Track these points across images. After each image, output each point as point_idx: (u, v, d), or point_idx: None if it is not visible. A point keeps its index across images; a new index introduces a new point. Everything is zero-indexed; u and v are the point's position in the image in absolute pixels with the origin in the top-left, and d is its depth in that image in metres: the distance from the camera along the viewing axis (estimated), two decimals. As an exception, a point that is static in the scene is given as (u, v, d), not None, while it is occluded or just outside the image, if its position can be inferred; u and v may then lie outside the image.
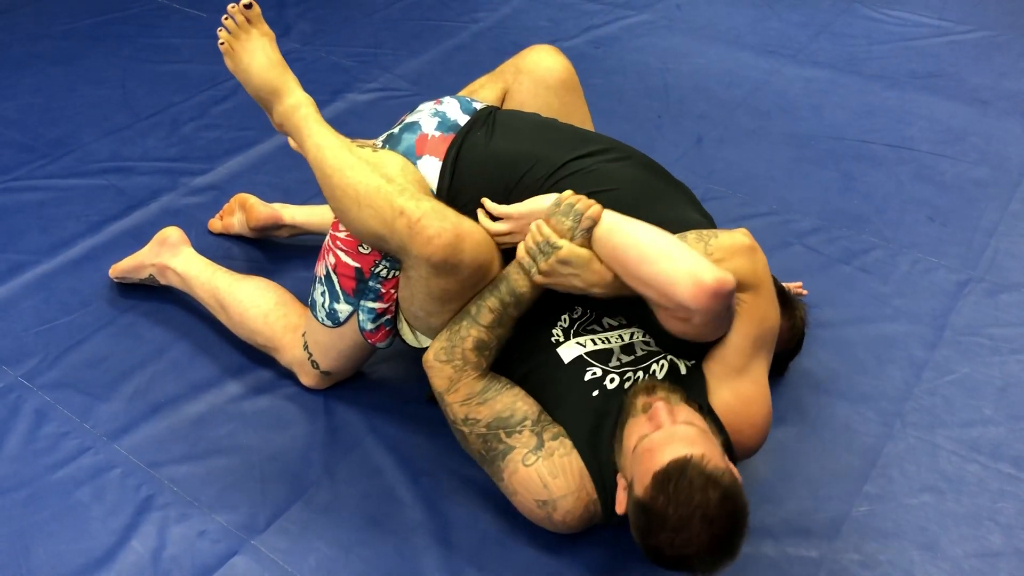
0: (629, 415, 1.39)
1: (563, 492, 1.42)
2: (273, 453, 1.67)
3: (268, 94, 1.64)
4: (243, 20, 1.63)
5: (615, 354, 1.54)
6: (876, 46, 3.08)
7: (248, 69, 1.64)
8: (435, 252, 1.42)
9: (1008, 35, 3.14)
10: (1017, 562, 1.51)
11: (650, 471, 1.26)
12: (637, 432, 1.34)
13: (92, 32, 3.07)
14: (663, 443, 1.28)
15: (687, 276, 1.32)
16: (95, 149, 2.48)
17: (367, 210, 1.46)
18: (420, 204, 1.44)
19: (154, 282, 1.97)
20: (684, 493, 1.22)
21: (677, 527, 1.22)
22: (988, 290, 2.07)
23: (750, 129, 2.65)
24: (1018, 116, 2.71)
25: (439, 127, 1.63)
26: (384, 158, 1.59)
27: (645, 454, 1.29)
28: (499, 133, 1.63)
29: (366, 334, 1.65)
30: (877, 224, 2.27)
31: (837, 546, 1.53)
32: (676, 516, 1.22)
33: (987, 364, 1.88)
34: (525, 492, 1.45)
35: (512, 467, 1.45)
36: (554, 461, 1.43)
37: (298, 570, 1.48)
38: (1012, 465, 1.67)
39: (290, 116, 1.61)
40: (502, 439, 1.47)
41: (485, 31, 3.14)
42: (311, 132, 1.58)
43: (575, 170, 1.56)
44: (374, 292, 1.61)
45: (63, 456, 1.65)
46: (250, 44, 1.64)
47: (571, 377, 1.51)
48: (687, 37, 3.13)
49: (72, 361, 1.84)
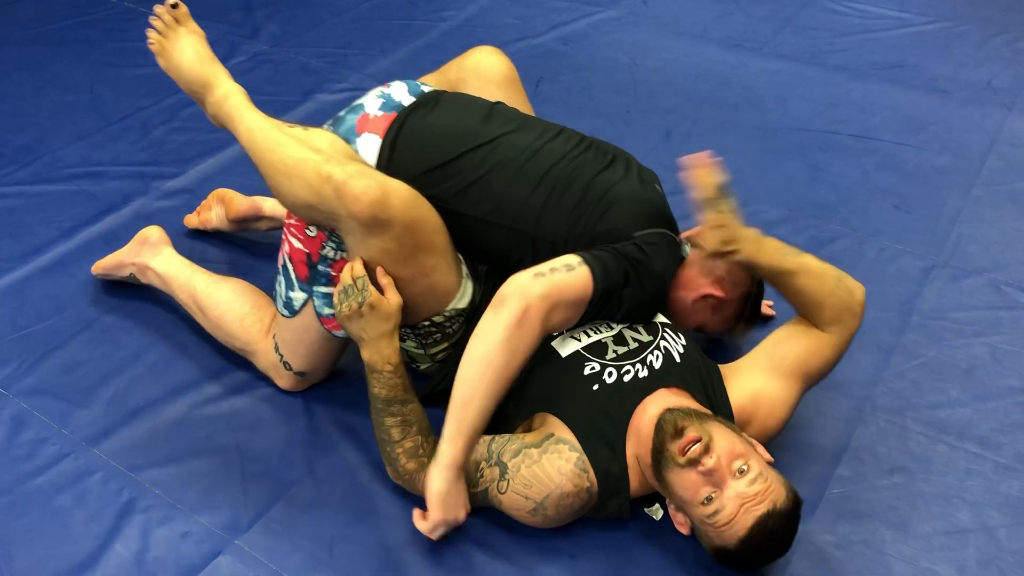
0: (664, 470, 1.41)
1: (544, 493, 1.46)
2: (254, 454, 1.68)
3: (199, 87, 1.69)
4: (171, 20, 1.70)
5: (609, 347, 1.57)
6: (839, 38, 3.14)
7: (179, 65, 1.69)
8: (362, 210, 1.46)
9: (966, 25, 3.20)
10: (985, 537, 1.55)
11: (734, 538, 1.36)
12: (693, 488, 1.38)
13: (58, 36, 3.04)
14: (733, 513, 1.35)
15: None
16: (65, 155, 2.46)
17: (296, 181, 1.52)
18: (345, 168, 1.50)
19: (135, 280, 1.97)
20: (770, 541, 1.37)
21: (764, 558, 1.41)
22: (952, 275, 2.12)
23: (717, 122, 2.69)
24: (978, 104, 2.77)
25: (382, 107, 1.68)
26: (313, 134, 1.65)
27: (718, 526, 1.37)
28: (441, 110, 1.68)
29: (323, 320, 1.67)
30: (844, 213, 2.31)
31: (811, 528, 1.56)
32: (762, 553, 1.39)
33: (953, 347, 1.93)
34: (517, 511, 1.50)
35: (496, 501, 1.51)
36: (522, 475, 1.47)
37: (283, 568, 1.49)
38: (978, 445, 1.72)
39: (221, 105, 1.66)
40: (476, 491, 1.51)
41: (454, 29, 3.15)
42: (242, 118, 1.63)
43: (508, 145, 1.63)
44: (325, 276, 1.64)
45: (42, 462, 1.65)
46: (179, 42, 1.70)
47: (570, 372, 1.54)
48: (654, 32, 3.17)
49: (48, 367, 1.84)
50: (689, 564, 1.50)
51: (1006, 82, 2.87)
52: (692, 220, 2.29)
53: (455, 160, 1.61)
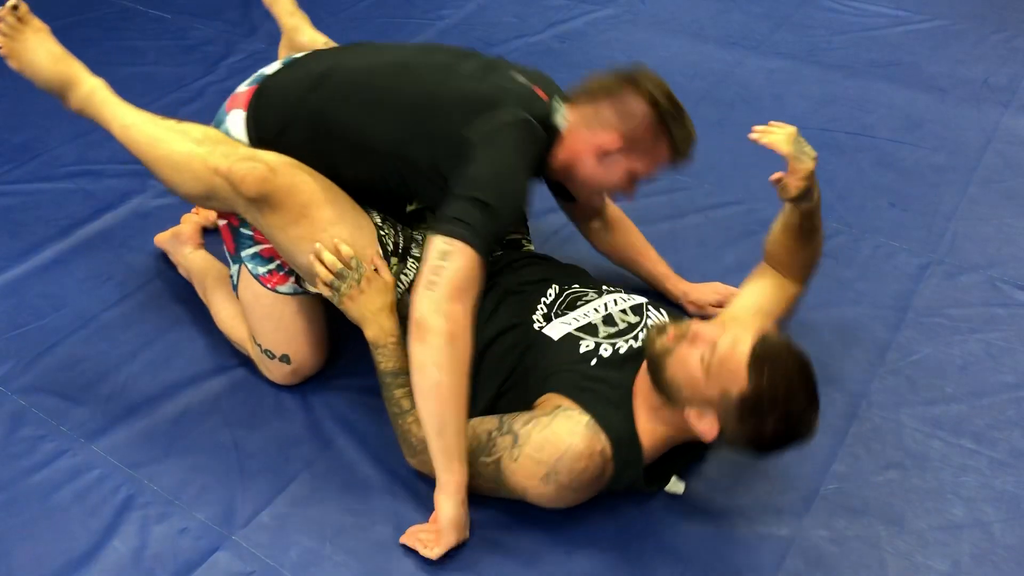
0: (663, 366, 1.45)
1: (557, 455, 1.43)
2: (251, 450, 1.68)
3: (59, 86, 1.73)
4: (14, 21, 1.71)
5: (600, 327, 1.60)
6: (836, 36, 3.14)
7: (33, 65, 1.72)
8: (249, 188, 1.54)
9: (963, 24, 3.21)
10: (979, 533, 1.56)
11: (741, 367, 1.37)
12: (692, 361, 1.42)
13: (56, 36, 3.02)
14: (731, 343, 1.39)
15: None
16: (62, 153, 2.47)
17: (186, 174, 1.61)
18: (228, 156, 1.58)
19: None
20: (779, 362, 1.37)
21: (787, 395, 1.37)
22: (948, 272, 2.13)
23: (714, 120, 2.69)
24: (974, 102, 2.77)
25: (250, 82, 1.74)
26: (186, 125, 1.70)
27: (723, 362, 1.38)
28: (298, 65, 1.73)
29: (262, 279, 1.70)
30: (840, 210, 2.32)
31: (807, 523, 1.57)
32: (783, 385, 1.37)
33: (948, 344, 1.93)
34: (530, 480, 1.46)
35: (509, 472, 1.48)
36: (534, 440, 1.46)
37: (280, 563, 1.49)
38: (973, 440, 1.73)
39: (88, 101, 1.72)
40: (489, 460, 1.50)
41: (451, 28, 3.16)
42: (115, 113, 1.70)
43: (342, 71, 1.68)
44: (248, 239, 1.70)
45: (40, 459, 1.65)
46: (28, 42, 1.72)
47: (566, 352, 1.56)
48: (651, 30, 3.17)
49: (46, 364, 1.84)
50: (688, 560, 1.51)
51: (1002, 80, 2.88)
52: (695, 215, 2.31)
53: (300, 106, 1.65)
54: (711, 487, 1.61)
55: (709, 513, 1.58)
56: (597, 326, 1.60)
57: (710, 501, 1.60)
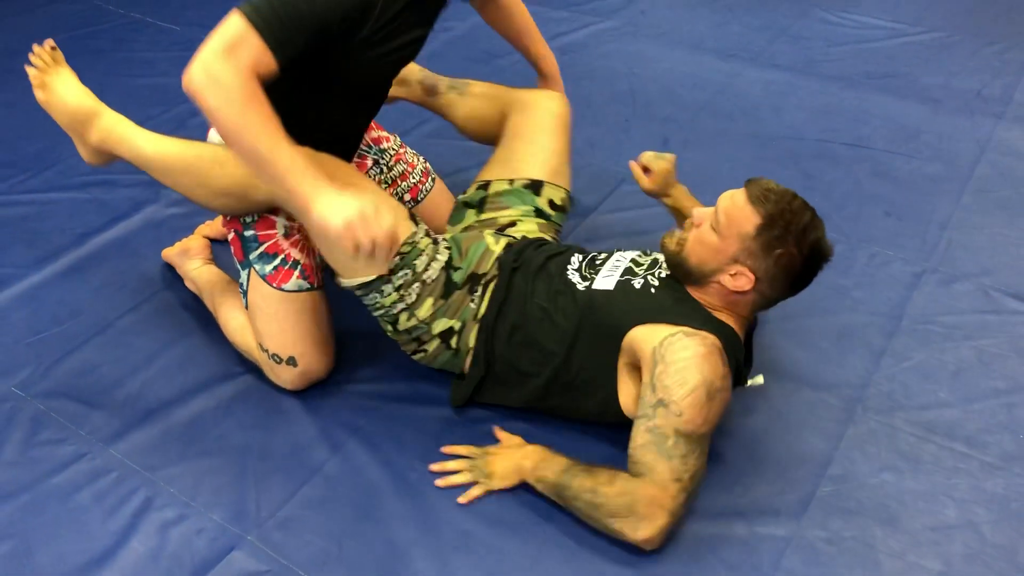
0: (686, 256, 1.64)
1: (697, 370, 1.49)
2: (264, 453, 1.73)
3: (84, 117, 1.84)
4: (49, 59, 1.89)
5: (635, 268, 1.74)
6: (833, 48, 3.20)
7: (59, 95, 1.85)
8: None
9: (958, 36, 3.27)
10: (970, 533, 1.61)
11: (746, 206, 1.57)
12: (705, 235, 1.61)
13: (66, 47, 3.03)
14: (727, 196, 1.61)
15: None
16: (76, 163, 2.50)
17: (228, 166, 1.68)
18: None
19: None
20: (774, 191, 1.58)
21: (795, 212, 1.56)
22: (942, 280, 2.17)
23: (714, 131, 2.75)
24: (968, 114, 2.83)
25: None
26: (196, 143, 1.80)
27: (729, 213, 1.59)
28: None
29: (269, 278, 1.75)
30: (836, 220, 2.36)
31: (804, 524, 1.61)
32: (787, 205, 1.56)
33: (941, 350, 1.98)
34: (703, 412, 1.48)
35: (688, 427, 1.48)
36: (671, 386, 1.50)
37: (294, 563, 1.54)
38: (965, 444, 1.77)
39: (113, 130, 1.82)
40: (671, 444, 1.50)
41: (457, 39, 3.21)
42: (146, 139, 1.80)
43: None
44: (253, 240, 1.76)
45: (60, 462, 1.70)
46: (60, 78, 1.87)
47: (625, 294, 1.66)
48: (652, 43, 3.23)
49: (64, 370, 1.89)
50: (687, 560, 1.55)
51: (996, 91, 2.93)
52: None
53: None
54: (710, 488, 1.65)
55: (708, 513, 1.62)
56: (632, 268, 1.72)
57: (709, 502, 1.64)
